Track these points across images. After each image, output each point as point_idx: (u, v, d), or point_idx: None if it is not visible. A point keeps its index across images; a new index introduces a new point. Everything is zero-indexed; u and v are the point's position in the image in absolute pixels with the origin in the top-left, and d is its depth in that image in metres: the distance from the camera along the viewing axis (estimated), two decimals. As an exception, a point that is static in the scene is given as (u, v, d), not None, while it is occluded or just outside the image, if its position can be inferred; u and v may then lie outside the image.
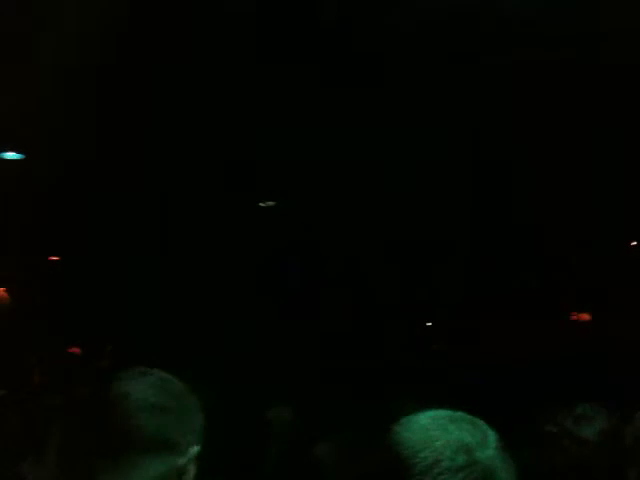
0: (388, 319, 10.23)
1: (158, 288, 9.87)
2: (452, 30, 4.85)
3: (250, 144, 6.83)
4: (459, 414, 1.25)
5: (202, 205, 8.57)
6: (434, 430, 1.20)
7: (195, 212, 8.71)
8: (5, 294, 7.56)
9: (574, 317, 11.07)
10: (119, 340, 8.95)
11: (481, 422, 1.24)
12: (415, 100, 5.79)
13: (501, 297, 10.19)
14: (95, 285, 10.23)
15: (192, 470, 1.46)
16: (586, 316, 11.04)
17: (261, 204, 9.13)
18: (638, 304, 8.48)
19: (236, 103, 5.94)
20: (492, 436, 1.22)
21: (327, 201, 8.33)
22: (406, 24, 4.76)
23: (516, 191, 7.58)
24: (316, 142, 6.60)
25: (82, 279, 10.34)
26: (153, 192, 8.12)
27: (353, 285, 10.72)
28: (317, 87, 5.58)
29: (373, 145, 6.64)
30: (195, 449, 1.46)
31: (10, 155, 7.18)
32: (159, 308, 9.75)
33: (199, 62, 5.23)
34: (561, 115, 5.92)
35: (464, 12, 4.65)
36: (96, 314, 9.84)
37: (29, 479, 2.49)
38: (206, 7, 4.54)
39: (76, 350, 7.92)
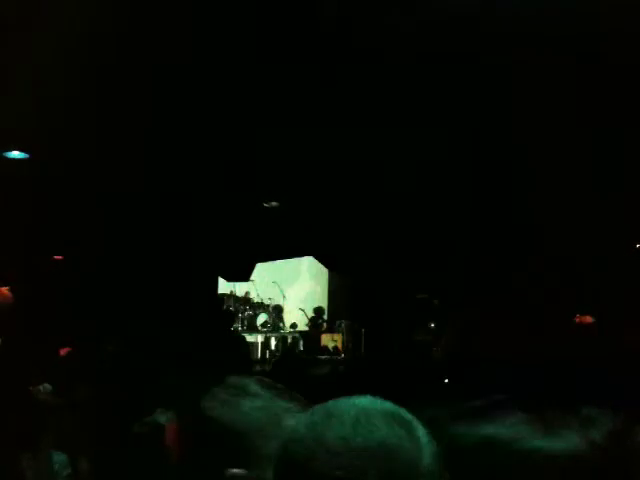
0: (388, 319, 10.23)
1: (159, 288, 9.88)
2: (452, 30, 4.84)
3: (251, 144, 6.84)
4: (381, 404, 1.16)
5: (203, 205, 8.58)
6: (358, 427, 1.10)
7: (196, 212, 8.72)
8: (7, 293, 7.57)
9: (575, 318, 11.04)
10: (120, 340, 8.95)
11: (405, 412, 1.15)
12: (415, 100, 5.79)
13: (501, 297, 10.18)
14: (97, 285, 10.24)
15: None
16: (588, 317, 11.02)
17: (264, 204, 9.14)
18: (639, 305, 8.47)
19: (237, 103, 5.94)
20: (416, 424, 1.14)
21: (327, 201, 8.33)
22: (406, 24, 4.76)
23: (516, 191, 7.58)
24: (317, 142, 6.60)
25: (84, 278, 10.35)
26: (154, 192, 8.13)
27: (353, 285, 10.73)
28: (317, 87, 5.58)
29: (373, 145, 6.65)
30: None
31: (14, 154, 7.20)
32: (160, 308, 9.76)
33: (199, 62, 5.23)
34: (561, 115, 5.92)
35: (464, 12, 4.64)
36: (97, 314, 9.85)
37: (27, 475, 2.50)
38: (206, 7, 4.55)
39: (76, 350, 7.91)
